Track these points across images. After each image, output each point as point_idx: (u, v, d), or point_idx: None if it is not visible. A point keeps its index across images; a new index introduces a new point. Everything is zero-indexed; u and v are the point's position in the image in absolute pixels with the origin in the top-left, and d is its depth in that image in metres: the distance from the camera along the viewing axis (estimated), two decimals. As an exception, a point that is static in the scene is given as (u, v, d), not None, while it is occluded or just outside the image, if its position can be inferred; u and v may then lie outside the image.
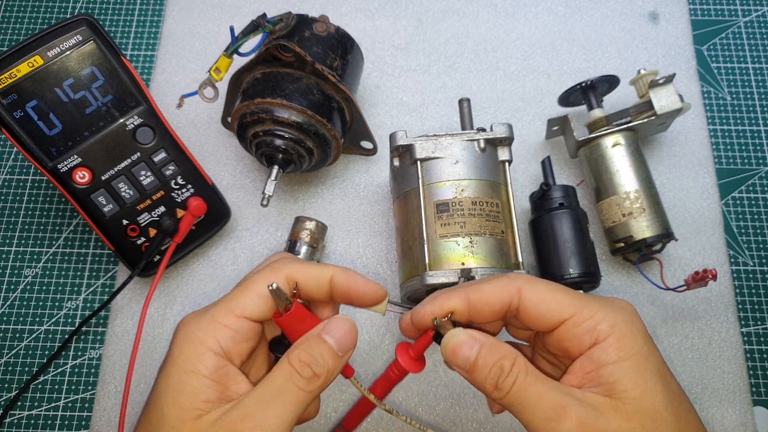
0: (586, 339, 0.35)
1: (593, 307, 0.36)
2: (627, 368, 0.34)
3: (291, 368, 0.35)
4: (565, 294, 0.37)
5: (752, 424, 0.53)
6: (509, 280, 0.37)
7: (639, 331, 0.36)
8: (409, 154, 0.51)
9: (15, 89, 0.48)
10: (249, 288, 0.37)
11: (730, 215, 0.60)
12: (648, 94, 0.56)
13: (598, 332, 0.35)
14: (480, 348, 0.36)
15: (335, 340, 0.36)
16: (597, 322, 0.35)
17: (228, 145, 0.62)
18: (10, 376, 0.55)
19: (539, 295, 0.36)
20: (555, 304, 0.36)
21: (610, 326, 0.35)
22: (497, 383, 0.35)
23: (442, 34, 0.67)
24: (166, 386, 0.35)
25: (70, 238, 0.60)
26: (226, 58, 0.51)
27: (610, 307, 0.36)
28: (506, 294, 0.37)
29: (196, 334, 0.35)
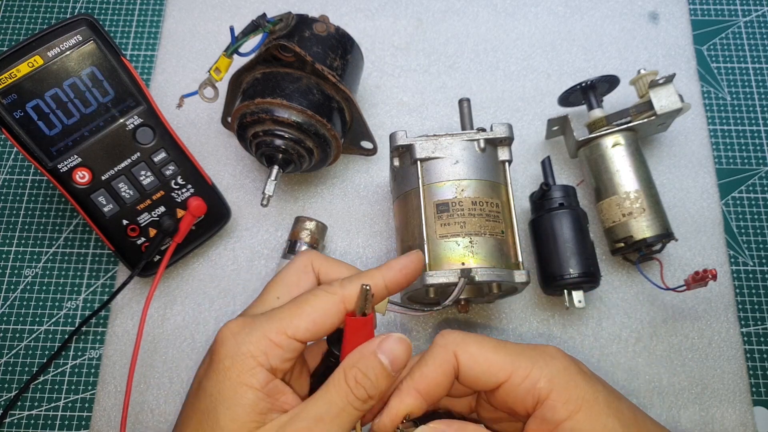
0: (529, 399, 0.36)
1: (526, 365, 0.36)
2: (582, 420, 0.35)
3: (347, 388, 0.35)
4: (498, 353, 0.37)
5: (752, 424, 0.53)
6: (442, 349, 0.37)
7: (578, 377, 0.36)
8: (409, 154, 0.51)
9: (15, 89, 0.48)
10: (304, 310, 0.36)
11: (730, 215, 0.60)
12: (648, 94, 0.56)
13: (539, 390, 0.36)
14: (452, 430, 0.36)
15: (389, 361, 0.36)
16: (534, 381, 0.36)
17: (228, 145, 0.62)
18: (10, 376, 0.55)
19: (472, 359, 0.37)
20: (490, 367, 0.37)
21: (548, 381, 0.36)
22: None
23: (442, 34, 0.67)
24: (219, 397, 0.34)
25: (70, 238, 0.60)
26: (226, 58, 0.51)
27: (543, 360, 0.37)
28: (448, 365, 0.37)
29: (248, 348, 0.35)
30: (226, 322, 0.37)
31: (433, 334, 0.56)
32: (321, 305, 0.36)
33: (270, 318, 0.36)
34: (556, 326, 0.56)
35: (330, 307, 0.36)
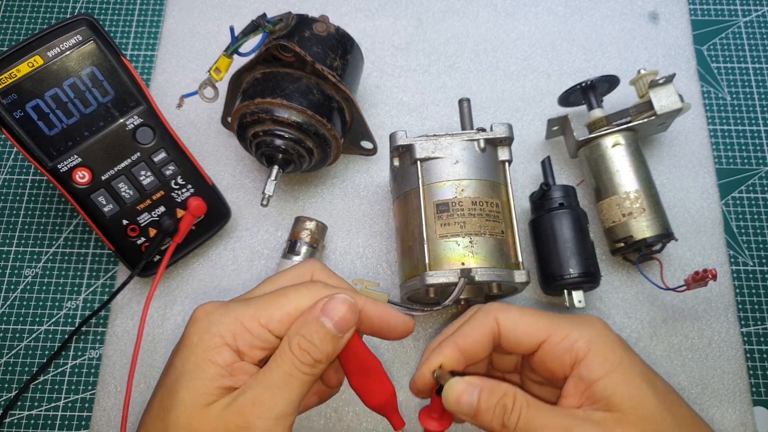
0: (567, 358, 0.37)
1: (566, 326, 0.37)
2: (617, 380, 0.35)
3: (292, 355, 0.35)
4: (537, 316, 0.38)
5: (752, 424, 0.53)
6: (484, 314, 0.39)
7: (616, 343, 0.37)
8: (409, 154, 0.51)
9: (15, 89, 0.48)
10: (280, 302, 0.37)
11: (730, 215, 0.60)
12: (648, 94, 0.56)
13: (577, 350, 0.37)
14: (480, 392, 0.36)
15: (334, 323, 0.36)
16: (573, 340, 0.37)
17: (228, 145, 0.62)
18: (10, 376, 0.55)
19: (513, 322, 0.38)
20: (529, 327, 0.38)
21: (586, 342, 0.37)
22: (503, 421, 0.36)
23: (442, 34, 0.67)
24: (182, 370, 0.35)
25: (70, 238, 0.60)
26: (226, 58, 0.51)
27: (583, 324, 0.38)
28: (488, 327, 0.38)
29: (218, 328, 0.36)
30: (202, 303, 0.38)
31: (434, 335, 0.56)
32: (298, 300, 0.37)
33: (246, 304, 0.37)
34: (556, 326, 0.56)
35: (303, 300, 0.37)
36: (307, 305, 0.37)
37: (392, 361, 0.55)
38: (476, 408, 0.36)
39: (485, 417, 0.36)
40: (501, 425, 0.36)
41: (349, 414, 0.53)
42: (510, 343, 0.38)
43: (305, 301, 0.37)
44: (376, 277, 0.57)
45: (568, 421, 0.35)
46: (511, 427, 0.36)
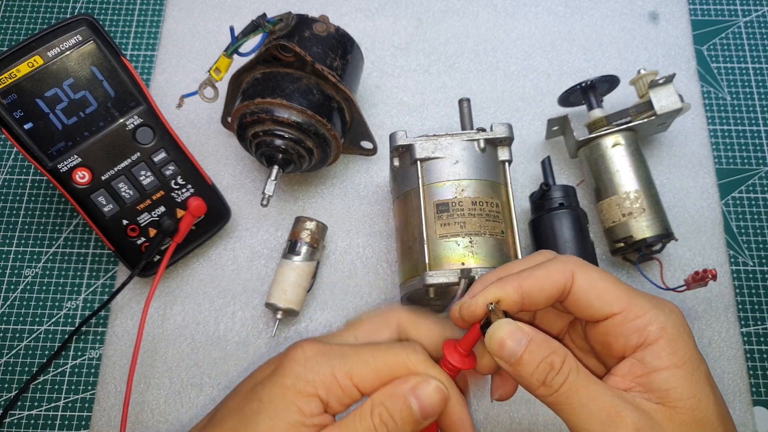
0: (634, 338, 0.34)
1: (644, 305, 0.34)
2: (681, 376, 0.33)
3: (371, 423, 0.34)
4: (617, 286, 0.35)
5: (752, 424, 0.53)
6: (562, 264, 0.36)
7: (689, 337, 0.35)
8: (409, 154, 0.51)
9: (15, 89, 0.48)
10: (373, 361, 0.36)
11: (730, 215, 0.60)
12: (648, 94, 0.56)
13: (648, 333, 0.34)
14: (528, 342, 0.34)
15: (420, 407, 0.34)
16: (647, 322, 0.34)
17: (228, 145, 0.62)
18: (10, 376, 0.55)
19: (591, 283, 0.35)
20: (606, 295, 0.35)
21: (660, 328, 0.34)
22: (545, 380, 0.33)
23: (442, 34, 0.67)
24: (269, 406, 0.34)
25: (70, 238, 0.60)
26: (226, 58, 0.51)
27: (661, 308, 0.35)
28: (560, 279, 0.35)
29: (314, 378, 0.34)
30: (302, 342, 0.36)
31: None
32: (390, 362, 0.36)
33: (343, 356, 0.35)
34: (556, 326, 0.56)
35: (397, 366, 0.36)
36: (400, 371, 0.35)
37: (392, 361, 0.55)
38: (519, 357, 0.34)
39: (526, 369, 0.34)
40: (541, 383, 0.33)
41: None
42: (578, 304, 0.35)
43: (399, 367, 0.35)
44: (376, 277, 0.57)
45: (617, 402, 0.32)
46: (552, 387, 0.33)
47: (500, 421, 0.53)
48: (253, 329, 0.56)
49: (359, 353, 0.36)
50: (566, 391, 0.33)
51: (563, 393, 0.33)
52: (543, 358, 0.34)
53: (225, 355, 0.55)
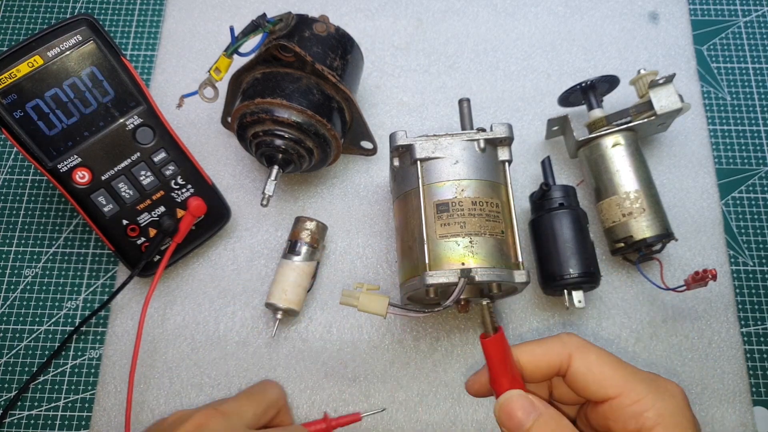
0: (631, 424, 0.34)
1: (641, 389, 0.35)
2: None
3: None
4: (615, 370, 0.36)
5: (752, 424, 0.53)
6: (561, 345, 0.37)
7: (687, 423, 0.35)
8: (409, 154, 0.51)
9: (15, 89, 0.48)
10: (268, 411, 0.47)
11: (730, 215, 0.60)
12: (648, 94, 0.56)
13: (645, 420, 0.34)
14: (538, 416, 0.35)
15: None
16: (644, 408, 0.34)
17: (228, 145, 0.62)
18: (10, 376, 0.55)
19: (588, 366, 0.36)
20: (602, 379, 0.35)
21: (657, 415, 0.34)
22: None
23: (442, 34, 0.67)
24: None
25: (70, 238, 0.60)
26: (226, 58, 0.51)
27: (660, 392, 0.35)
28: (555, 359, 0.36)
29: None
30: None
31: (436, 336, 0.56)
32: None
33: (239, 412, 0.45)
34: (556, 326, 0.56)
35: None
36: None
37: (392, 361, 0.55)
38: (526, 430, 0.34)
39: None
40: None
41: (349, 414, 0.54)
42: (576, 385, 0.36)
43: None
44: (376, 277, 0.58)
45: None
46: None
47: (500, 421, 0.53)
48: (253, 329, 0.56)
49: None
50: None
51: None
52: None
53: (225, 355, 0.55)
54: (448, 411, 0.54)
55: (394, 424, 0.53)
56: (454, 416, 0.53)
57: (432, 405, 0.54)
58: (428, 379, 0.54)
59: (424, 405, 0.54)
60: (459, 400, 0.54)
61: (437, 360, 0.55)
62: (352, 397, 0.54)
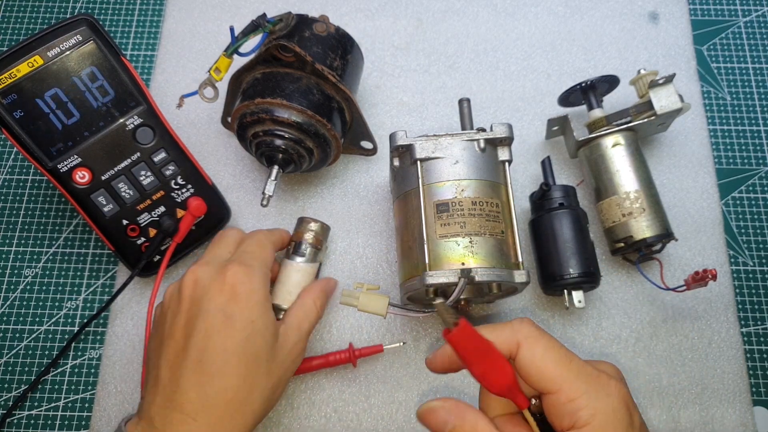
0: (566, 420, 0.35)
1: (577, 388, 0.35)
2: None
3: None
4: (556, 365, 0.36)
5: (752, 424, 0.53)
6: (511, 332, 0.37)
7: (620, 420, 0.35)
8: (409, 154, 0.51)
9: (15, 89, 0.48)
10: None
11: (730, 215, 0.60)
12: (648, 94, 0.56)
13: (577, 418, 0.35)
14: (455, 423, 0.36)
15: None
16: (578, 407, 0.35)
17: (228, 145, 0.62)
18: (10, 376, 0.55)
19: (531, 358, 0.36)
20: (542, 373, 0.36)
21: (590, 415, 0.35)
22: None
23: (442, 34, 0.67)
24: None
25: (70, 238, 0.60)
26: (226, 58, 0.51)
27: (597, 392, 0.36)
28: (505, 346, 0.37)
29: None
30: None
31: (436, 336, 0.56)
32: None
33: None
34: (556, 326, 0.56)
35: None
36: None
37: (392, 361, 0.55)
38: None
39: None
40: None
41: (350, 414, 0.53)
42: (521, 374, 0.37)
43: None
44: (376, 277, 0.58)
45: None
46: None
47: (500, 421, 0.53)
48: (253, 329, 0.56)
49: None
50: None
51: None
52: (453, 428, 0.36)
53: (225, 355, 0.55)
54: (448, 411, 0.53)
55: (394, 424, 0.53)
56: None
57: (432, 405, 0.54)
58: (428, 379, 0.54)
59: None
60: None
61: (437, 360, 0.55)
62: (352, 397, 0.54)
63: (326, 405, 0.54)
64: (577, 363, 0.37)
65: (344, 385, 0.54)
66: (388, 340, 0.56)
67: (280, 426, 0.53)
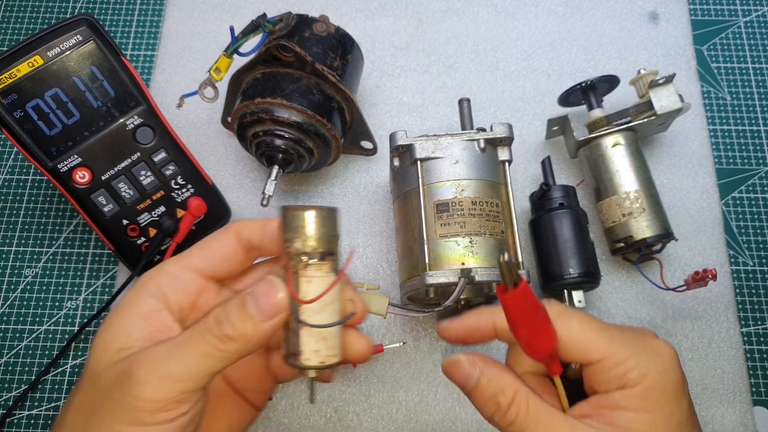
0: (614, 383, 0.34)
1: (625, 351, 0.34)
2: (644, 421, 0.33)
3: (206, 322, 0.34)
4: (598, 334, 0.35)
5: (752, 424, 0.53)
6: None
7: (672, 383, 0.34)
8: (409, 154, 0.51)
9: (15, 89, 0.48)
10: (199, 244, 0.38)
11: (730, 215, 0.60)
12: (648, 94, 0.56)
13: (627, 380, 0.34)
14: (480, 375, 0.35)
15: (256, 306, 0.33)
16: (627, 369, 0.34)
17: (228, 145, 0.62)
18: (10, 376, 0.55)
19: (569, 333, 0.35)
20: (585, 344, 0.35)
21: (641, 375, 0.34)
22: (493, 416, 0.35)
23: (442, 34, 0.67)
24: (104, 321, 0.36)
25: (70, 238, 0.60)
26: (226, 58, 0.51)
27: (646, 353, 0.35)
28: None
29: (142, 280, 0.36)
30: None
31: (436, 336, 0.56)
32: (215, 236, 0.38)
33: (173, 258, 0.38)
34: (556, 326, 0.56)
35: (222, 235, 0.37)
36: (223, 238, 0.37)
37: (392, 361, 0.55)
38: (471, 389, 0.35)
39: (477, 400, 0.35)
40: (490, 416, 0.35)
41: (349, 414, 0.53)
42: (560, 351, 0.36)
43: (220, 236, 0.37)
44: (376, 277, 0.57)
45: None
46: (501, 424, 0.34)
47: (500, 421, 0.53)
48: (253, 329, 0.56)
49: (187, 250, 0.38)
50: (516, 429, 0.34)
51: (512, 429, 0.34)
52: (491, 395, 0.35)
53: (225, 355, 0.55)
54: (448, 411, 0.54)
55: (394, 424, 0.53)
56: (454, 416, 0.53)
57: (432, 405, 0.54)
58: (428, 379, 0.54)
59: (423, 405, 0.54)
60: (459, 400, 0.54)
61: (437, 360, 0.55)
62: (352, 397, 0.54)
63: (326, 405, 0.54)
64: (617, 329, 0.36)
65: (344, 385, 0.54)
66: (388, 340, 0.56)
67: (280, 426, 0.53)
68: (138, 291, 0.36)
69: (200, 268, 0.37)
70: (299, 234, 0.35)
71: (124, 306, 0.36)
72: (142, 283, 0.36)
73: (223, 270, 0.38)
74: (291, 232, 0.35)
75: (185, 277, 0.36)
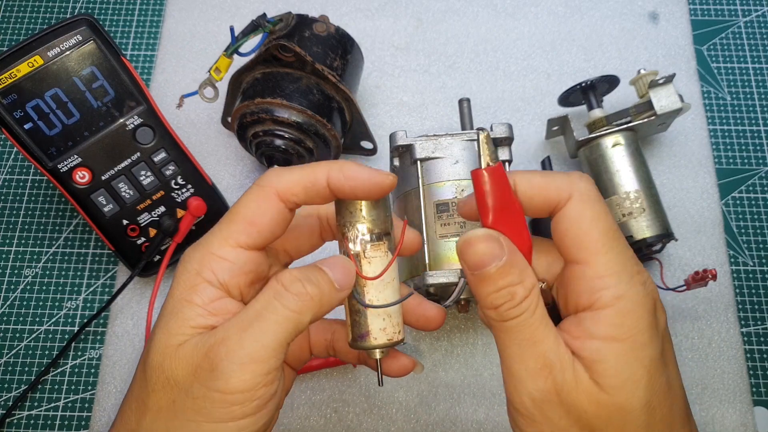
0: (584, 299, 0.31)
1: (611, 267, 0.31)
2: (614, 352, 0.30)
3: (278, 285, 0.32)
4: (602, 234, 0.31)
5: (752, 424, 0.53)
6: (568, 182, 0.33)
7: (647, 312, 0.31)
8: (409, 154, 0.51)
9: (15, 89, 0.48)
10: (239, 214, 0.35)
11: (730, 215, 0.60)
12: (648, 94, 0.56)
13: (599, 297, 0.30)
14: (503, 263, 0.31)
15: (334, 275, 0.33)
16: (603, 286, 0.30)
17: (228, 145, 0.62)
18: (10, 376, 0.55)
19: (577, 218, 0.32)
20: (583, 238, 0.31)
21: (614, 297, 0.30)
22: (500, 307, 0.31)
23: (442, 34, 0.67)
24: (161, 314, 0.34)
25: (70, 238, 0.60)
26: (226, 58, 0.51)
27: (629, 278, 0.31)
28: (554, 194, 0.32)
29: (193, 266, 0.34)
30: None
31: (436, 336, 0.56)
32: (253, 203, 0.35)
33: (212, 233, 0.35)
34: (556, 326, 0.56)
35: (262, 201, 0.35)
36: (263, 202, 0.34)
37: (392, 361, 0.55)
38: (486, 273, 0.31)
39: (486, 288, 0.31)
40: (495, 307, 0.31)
41: (349, 414, 0.53)
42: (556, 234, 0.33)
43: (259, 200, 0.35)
44: (376, 277, 0.57)
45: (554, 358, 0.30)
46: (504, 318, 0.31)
47: (500, 421, 0.53)
48: (253, 329, 0.56)
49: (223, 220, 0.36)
50: (514, 326, 0.31)
51: (509, 326, 0.31)
52: (509, 282, 0.31)
53: (225, 355, 0.55)
54: (447, 411, 0.54)
55: (394, 425, 0.53)
56: (454, 417, 0.53)
57: (432, 405, 0.54)
58: (428, 379, 0.54)
59: (423, 405, 0.54)
60: (459, 400, 0.54)
61: (437, 360, 0.55)
62: (352, 397, 0.54)
63: (326, 405, 0.54)
64: (623, 244, 0.32)
65: (344, 385, 0.54)
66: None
67: (280, 426, 0.53)
68: (193, 280, 0.33)
69: (249, 243, 0.34)
70: (356, 218, 0.36)
71: (181, 298, 0.33)
72: (196, 270, 0.33)
73: (272, 238, 0.35)
74: (347, 216, 0.36)
75: (240, 259, 0.34)
